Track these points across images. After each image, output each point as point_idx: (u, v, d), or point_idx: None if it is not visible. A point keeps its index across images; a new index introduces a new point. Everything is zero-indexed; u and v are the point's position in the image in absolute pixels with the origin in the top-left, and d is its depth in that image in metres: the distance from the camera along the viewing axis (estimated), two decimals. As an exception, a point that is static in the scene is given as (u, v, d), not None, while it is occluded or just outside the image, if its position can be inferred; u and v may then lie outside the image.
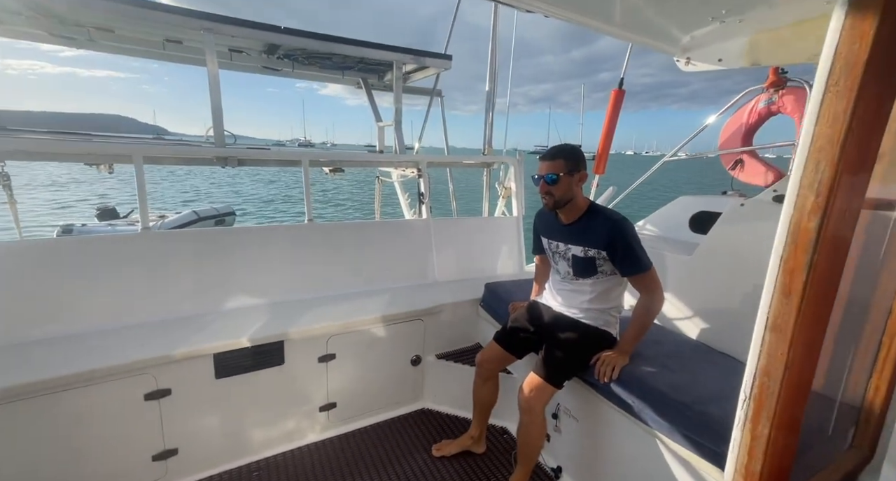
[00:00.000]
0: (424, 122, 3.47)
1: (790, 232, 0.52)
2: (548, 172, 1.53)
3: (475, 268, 2.83)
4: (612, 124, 3.10)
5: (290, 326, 1.87)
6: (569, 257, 1.62)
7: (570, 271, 1.64)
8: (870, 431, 0.53)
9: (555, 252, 1.70)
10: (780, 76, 2.41)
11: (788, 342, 0.53)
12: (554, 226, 1.68)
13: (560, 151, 1.55)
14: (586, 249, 1.56)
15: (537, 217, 1.81)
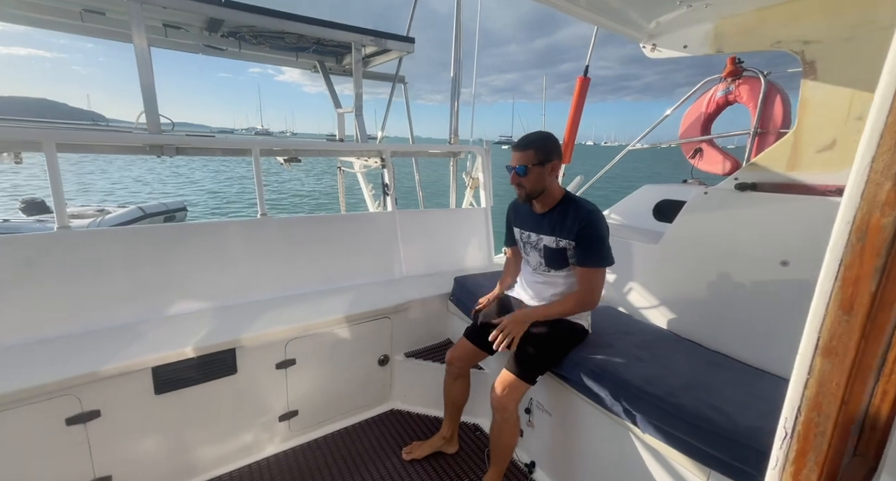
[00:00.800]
0: (387, 110, 3.30)
1: (854, 229, 0.40)
2: (518, 163, 1.48)
3: (443, 261, 2.74)
4: (577, 112, 3.08)
5: (243, 331, 1.70)
6: (540, 248, 1.58)
7: (542, 262, 1.60)
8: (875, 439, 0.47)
9: (526, 242, 1.66)
10: (737, 66, 2.47)
11: (847, 370, 0.42)
12: (527, 215, 1.64)
13: (531, 141, 1.49)
14: (558, 240, 1.52)
15: (511, 207, 1.75)
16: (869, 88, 1.35)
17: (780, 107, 2.33)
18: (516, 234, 1.72)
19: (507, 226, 1.79)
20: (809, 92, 1.48)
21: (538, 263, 1.62)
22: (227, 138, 2.27)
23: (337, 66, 3.37)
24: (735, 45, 1.59)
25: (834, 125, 1.47)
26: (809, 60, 1.44)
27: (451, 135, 3.34)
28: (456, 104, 3.28)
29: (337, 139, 3.17)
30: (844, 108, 1.42)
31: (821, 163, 1.54)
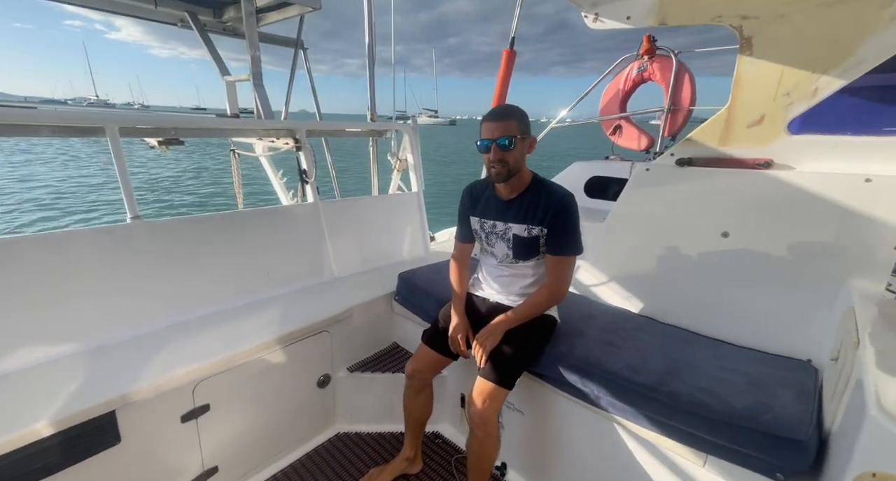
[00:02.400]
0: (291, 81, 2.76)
1: None
2: (501, 134, 1.26)
3: (379, 255, 2.44)
4: (504, 86, 2.94)
5: (127, 383, 1.23)
6: (508, 238, 1.42)
7: (510, 254, 1.44)
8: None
9: (490, 232, 1.47)
10: (652, 44, 2.56)
11: None
12: (490, 202, 1.45)
13: (511, 110, 1.29)
14: (529, 228, 1.37)
15: (467, 194, 1.53)
16: (799, 65, 1.43)
17: (688, 85, 2.50)
18: (475, 225, 1.51)
19: (462, 217, 1.56)
20: (744, 67, 1.53)
21: (505, 255, 1.45)
22: (62, 112, 1.60)
23: (215, 21, 2.69)
24: (678, 17, 1.57)
25: (764, 101, 1.54)
26: (747, 36, 1.47)
27: (371, 111, 2.95)
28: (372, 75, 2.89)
29: (229, 114, 2.56)
30: (774, 84, 1.50)
31: (749, 138, 1.63)
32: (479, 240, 1.53)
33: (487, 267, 1.56)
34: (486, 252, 1.54)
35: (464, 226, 1.56)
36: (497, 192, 1.43)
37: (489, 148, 1.29)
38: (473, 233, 1.54)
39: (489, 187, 1.46)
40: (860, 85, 1.36)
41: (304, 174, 2.08)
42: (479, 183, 1.53)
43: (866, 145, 1.43)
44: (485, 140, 1.30)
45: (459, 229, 1.59)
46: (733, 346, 1.47)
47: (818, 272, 1.45)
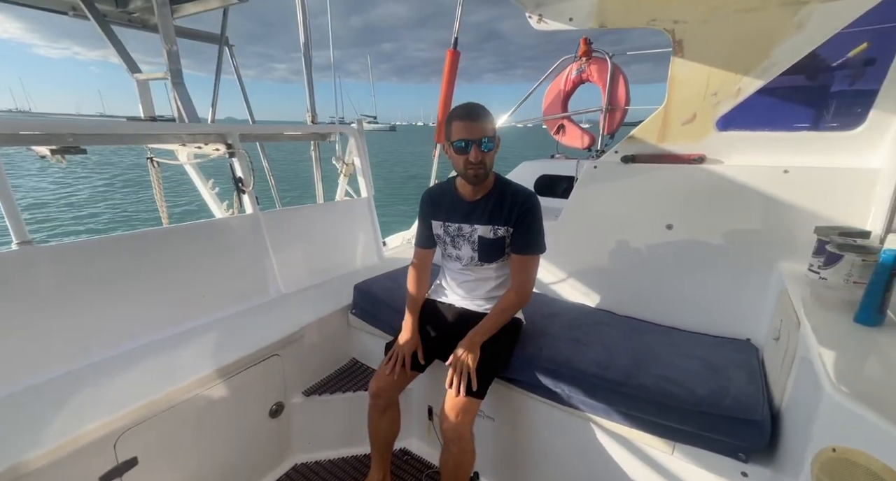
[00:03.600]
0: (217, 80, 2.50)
1: None
2: (482, 135, 1.22)
3: (330, 267, 2.29)
4: (449, 87, 2.92)
5: (20, 451, 1.00)
6: (474, 240, 1.39)
7: (475, 256, 1.41)
8: None
9: (456, 236, 1.43)
10: (589, 46, 2.68)
11: None
12: (454, 205, 1.41)
13: (484, 110, 1.25)
14: (495, 228, 1.36)
15: (427, 198, 1.48)
16: (723, 66, 1.54)
17: (622, 86, 2.64)
18: (438, 229, 1.46)
19: (422, 221, 1.50)
20: (677, 69, 1.62)
21: (470, 258, 1.42)
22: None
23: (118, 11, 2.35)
24: (616, 20, 1.63)
25: (695, 100, 1.65)
26: (678, 39, 1.56)
27: (311, 114, 2.77)
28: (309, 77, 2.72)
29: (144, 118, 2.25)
30: (703, 85, 1.60)
31: (684, 135, 1.74)
32: (443, 245, 1.48)
33: (451, 272, 1.51)
34: (449, 257, 1.49)
35: (425, 232, 1.50)
36: (460, 194, 1.39)
37: (467, 149, 1.23)
38: (436, 237, 1.49)
39: (451, 189, 1.42)
40: (774, 86, 1.50)
41: (240, 183, 1.88)
42: (439, 186, 1.49)
43: (781, 140, 1.58)
44: (461, 140, 1.23)
45: (420, 234, 1.53)
46: (685, 332, 1.55)
47: (751, 257, 1.57)
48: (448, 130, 1.27)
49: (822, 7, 1.31)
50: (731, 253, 1.61)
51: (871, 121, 1.41)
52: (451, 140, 1.26)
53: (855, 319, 1.04)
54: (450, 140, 1.27)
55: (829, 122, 1.52)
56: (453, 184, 1.42)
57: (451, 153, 1.28)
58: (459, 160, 1.27)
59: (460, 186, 1.38)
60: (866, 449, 0.69)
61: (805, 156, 1.53)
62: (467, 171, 1.27)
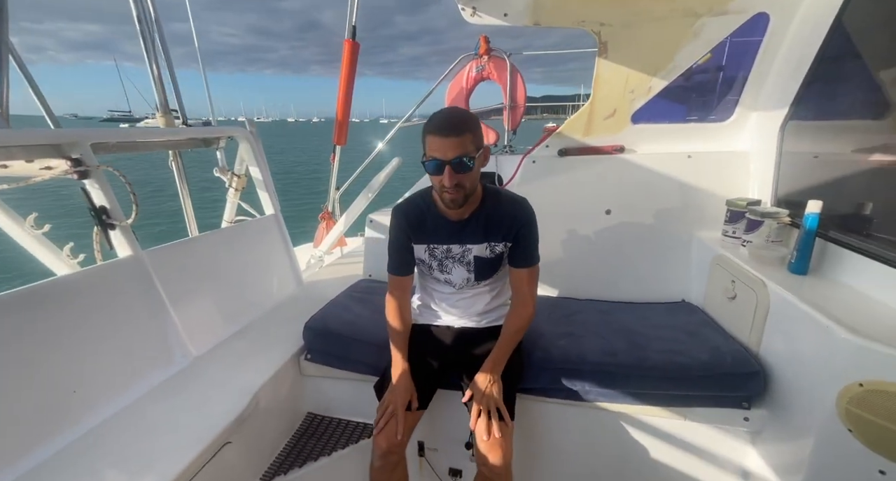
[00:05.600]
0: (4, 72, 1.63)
1: None
2: (457, 154, 1.03)
3: (245, 307, 1.80)
4: (349, 83, 2.62)
5: None
6: (468, 260, 1.24)
7: (471, 277, 1.27)
8: None
9: (445, 258, 1.26)
10: (489, 45, 2.73)
11: None
12: (437, 225, 1.22)
13: (465, 119, 1.07)
14: (492, 246, 1.22)
15: (401, 219, 1.25)
16: (639, 68, 1.74)
17: (521, 84, 2.79)
18: (421, 254, 1.27)
19: (398, 246, 1.27)
20: (602, 69, 1.77)
21: (465, 280, 1.27)
22: None
23: None
24: (549, 19, 1.67)
25: (616, 97, 1.83)
26: (603, 41, 1.70)
27: (160, 112, 2.10)
28: (169, 64, 2.06)
29: None
30: (623, 83, 1.79)
31: (606, 129, 1.92)
32: (426, 269, 1.30)
33: (441, 295, 1.34)
34: (436, 280, 1.32)
35: (402, 257, 1.28)
36: (442, 213, 1.21)
37: (440, 169, 1.05)
38: (419, 262, 1.29)
39: (431, 207, 1.22)
40: (675, 85, 1.77)
41: (104, 214, 1.28)
42: (414, 204, 1.25)
43: (679, 130, 1.90)
44: (434, 160, 1.05)
45: (395, 260, 1.29)
46: (638, 304, 1.74)
47: (674, 230, 1.85)
48: (423, 142, 1.08)
49: (711, 20, 1.59)
50: (659, 229, 1.87)
51: (737, 114, 1.80)
52: (424, 154, 1.07)
53: (791, 270, 1.30)
54: (424, 153, 1.08)
55: (710, 115, 1.88)
56: (432, 201, 1.21)
57: (427, 172, 1.10)
58: (434, 181, 1.10)
59: (442, 204, 1.18)
60: (892, 378, 0.85)
61: (698, 143, 1.86)
62: (443, 195, 1.11)
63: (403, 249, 1.26)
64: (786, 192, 1.58)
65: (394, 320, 1.28)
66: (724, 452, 1.29)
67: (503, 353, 1.21)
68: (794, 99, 1.53)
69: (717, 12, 1.58)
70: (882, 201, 1.23)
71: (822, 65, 1.44)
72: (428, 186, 1.23)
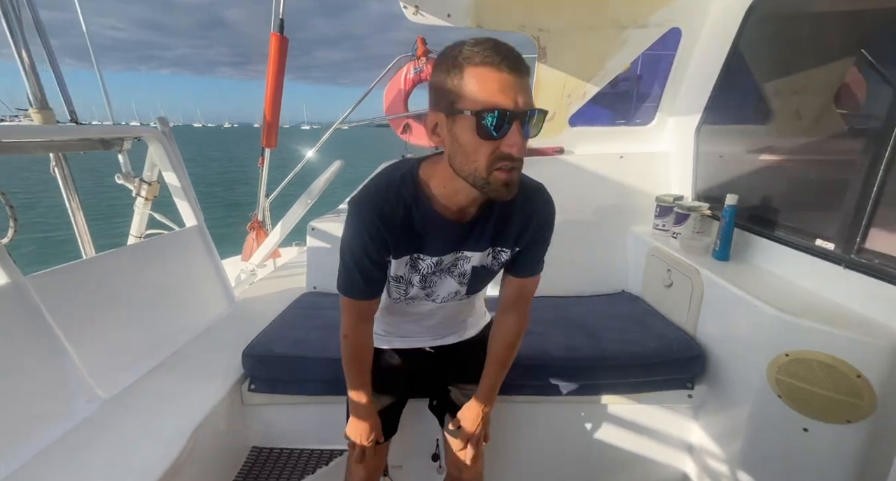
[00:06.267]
0: None
1: None
2: (531, 104, 0.67)
3: (168, 336, 1.56)
4: (278, 80, 2.43)
5: None
6: (463, 271, 0.92)
7: (461, 291, 0.96)
8: None
9: (431, 272, 0.90)
10: (426, 46, 2.71)
11: None
12: (432, 230, 0.84)
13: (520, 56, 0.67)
14: (497, 252, 0.90)
15: (374, 222, 0.80)
16: (575, 73, 1.84)
17: (459, 87, 2.82)
18: (400, 269, 0.88)
19: (364, 261, 0.85)
20: (542, 73, 1.83)
21: (452, 294, 0.96)
22: None
23: None
24: (491, 22, 1.69)
25: (555, 101, 1.91)
26: (542, 46, 1.76)
27: (34, 107, 1.74)
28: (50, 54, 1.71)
29: None
30: (561, 88, 1.88)
31: (546, 131, 2.00)
32: (402, 286, 0.93)
33: (414, 315, 1.04)
34: (412, 299, 0.97)
35: (369, 274, 0.87)
36: (442, 212, 0.82)
37: (502, 125, 0.64)
38: (392, 280, 0.91)
39: (422, 203, 0.81)
40: (605, 90, 1.90)
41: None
42: (394, 197, 0.80)
43: (610, 133, 2.04)
44: (494, 111, 0.63)
45: (357, 279, 0.87)
46: (585, 297, 1.84)
47: (612, 226, 1.98)
48: (453, 86, 0.65)
49: (635, 32, 1.74)
50: (598, 225, 1.99)
51: (658, 118, 1.99)
52: (463, 109, 0.65)
53: (715, 257, 1.45)
54: (458, 108, 0.65)
55: (636, 119, 2.05)
56: (422, 193, 0.81)
57: (461, 135, 0.67)
58: (480, 152, 0.67)
59: (447, 198, 0.79)
60: (812, 347, 0.97)
61: (628, 144, 2.02)
62: (494, 176, 0.68)
63: (373, 265, 0.85)
64: (703, 188, 1.77)
65: (355, 363, 0.96)
66: (671, 430, 1.40)
67: (498, 380, 1.02)
68: (705, 106, 1.72)
69: (640, 25, 1.72)
70: (776, 193, 1.42)
71: (725, 78, 1.64)
72: (401, 170, 0.82)
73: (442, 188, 0.79)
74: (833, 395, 0.98)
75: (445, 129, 0.70)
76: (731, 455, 1.23)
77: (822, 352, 0.97)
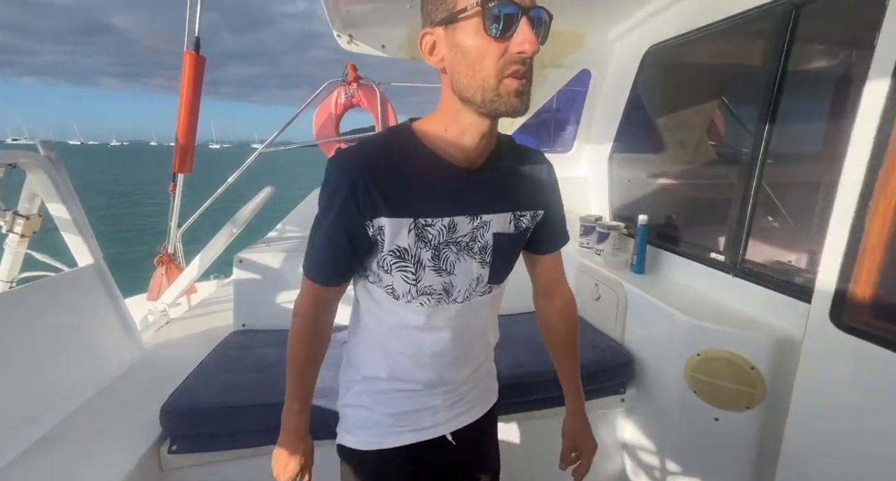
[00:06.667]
0: None
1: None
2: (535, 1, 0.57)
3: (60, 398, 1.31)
4: (192, 101, 2.24)
5: None
6: (484, 244, 0.70)
7: (483, 276, 0.73)
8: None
9: (446, 242, 0.67)
10: (357, 73, 2.71)
11: None
12: (435, 178, 0.65)
13: None
14: (519, 217, 0.73)
15: (359, 171, 0.61)
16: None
17: (391, 113, 2.85)
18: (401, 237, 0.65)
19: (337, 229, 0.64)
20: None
21: (473, 283, 0.72)
22: None
23: None
24: (425, 54, 1.76)
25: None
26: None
27: None
28: None
29: None
30: (491, 118, 2.01)
31: None
32: (411, 268, 0.67)
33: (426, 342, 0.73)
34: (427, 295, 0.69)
35: (340, 251, 0.66)
36: (446, 155, 0.64)
37: (510, 23, 0.54)
38: (394, 259, 0.66)
39: (420, 147, 0.64)
40: (530, 122, 2.08)
41: None
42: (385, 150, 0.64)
43: (536, 159, 2.22)
44: (501, 4, 0.53)
45: (325, 256, 0.68)
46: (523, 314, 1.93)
47: None
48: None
49: (554, 70, 1.94)
50: None
51: (576, 147, 2.22)
52: (465, 6, 0.55)
53: (633, 271, 1.64)
54: (458, 9, 0.56)
55: (557, 146, 2.26)
56: (422, 144, 0.65)
57: (464, 41, 0.57)
58: (488, 55, 0.56)
59: (451, 144, 0.64)
60: (717, 346, 1.14)
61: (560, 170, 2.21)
62: (505, 84, 0.57)
63: (347, 238, 0.64)
64: (618, 208, 1.99)
65: (301, 348, 0.75)
66: (608, 431, 1.51)
67: (578, 374, 0.92)
68: (614, 136, 1.97)
69: (557, 65, 1.93)
70: (676, 212, 1.66)
71: (628, 113, 1.90)
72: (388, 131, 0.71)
73: (444, 131, 0.64)
74: (734, 387, 1.15)
75: (445, 44, 0.59)
76: (658, 447, 1.37)
77: (724, 349, 1.14)
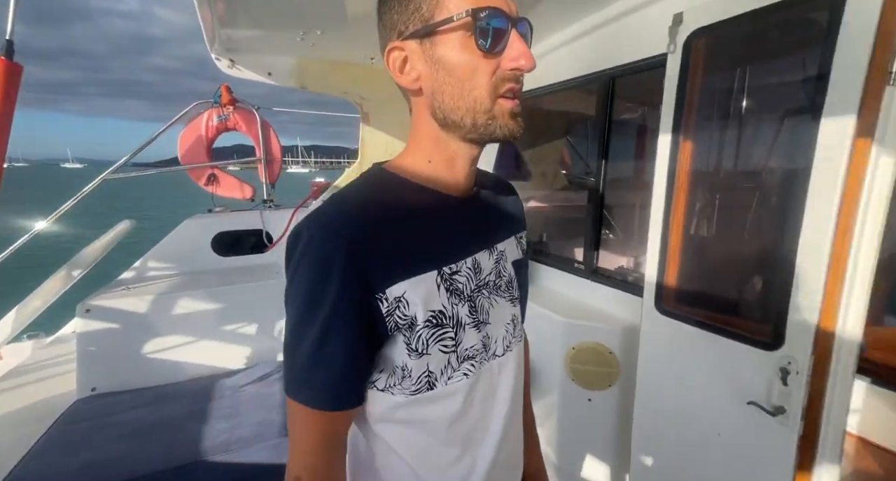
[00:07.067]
0: None
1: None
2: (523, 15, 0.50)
3: None
4: (5, 115, 1.78)
5: None
6: (509, 274, 0.62)
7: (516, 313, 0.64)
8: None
9: (477, 287, 0.56)
10: (232, 96, 2.51)
11: None
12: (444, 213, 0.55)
13: None
14: (520, 237, 0.69)
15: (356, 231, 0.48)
16: (396, 136, 2.10)
17: (274, 138, 2.71)
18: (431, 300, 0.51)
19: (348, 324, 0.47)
20: (366, 133, 2.02)
21: (508, 327, 0.61)
22: None
23: None
24: (315, 85, 1.76)
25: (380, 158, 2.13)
26: (366, 111, 1.96)
27: None
28: None
29: None
30: (384, 147, 2.11)
31: None
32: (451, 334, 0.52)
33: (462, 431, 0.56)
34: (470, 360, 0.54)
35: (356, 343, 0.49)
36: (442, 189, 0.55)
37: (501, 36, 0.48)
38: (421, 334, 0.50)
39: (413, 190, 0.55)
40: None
41: None
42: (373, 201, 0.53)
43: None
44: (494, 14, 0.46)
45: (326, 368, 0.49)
46: None
47: None
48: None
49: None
50: None
51: None
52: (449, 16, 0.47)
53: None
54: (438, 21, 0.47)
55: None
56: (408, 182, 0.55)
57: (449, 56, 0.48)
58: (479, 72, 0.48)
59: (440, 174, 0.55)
60: (586, 339, 1.40)
61: None
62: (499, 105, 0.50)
63: (362, 320, 0.48)
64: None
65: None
66: None
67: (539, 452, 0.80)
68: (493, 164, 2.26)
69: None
70: (547, 231, 2.00)
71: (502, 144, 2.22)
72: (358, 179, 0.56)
73: (428, 163, 0.54)
74: (599, 370, 1.43)
75: (421, 60, 0.50)
76: (550, 432, 1.58)
77: (591, 340, 1.41)
